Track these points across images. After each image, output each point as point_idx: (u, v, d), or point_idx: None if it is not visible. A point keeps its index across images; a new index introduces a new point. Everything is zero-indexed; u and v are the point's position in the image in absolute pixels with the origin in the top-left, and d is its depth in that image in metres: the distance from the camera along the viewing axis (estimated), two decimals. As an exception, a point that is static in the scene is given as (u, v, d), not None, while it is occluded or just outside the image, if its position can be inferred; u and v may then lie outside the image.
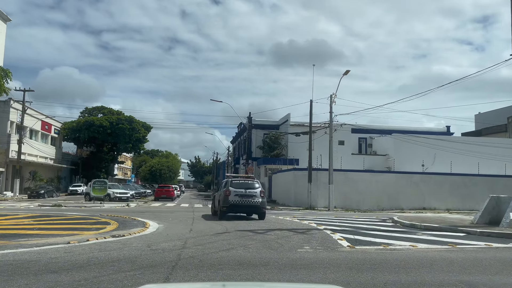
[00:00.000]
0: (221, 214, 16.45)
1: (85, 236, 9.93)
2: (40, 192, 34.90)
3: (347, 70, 25.11)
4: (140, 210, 21.37)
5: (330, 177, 26.27)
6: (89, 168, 53.63)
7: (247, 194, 16.30)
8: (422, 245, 9.78)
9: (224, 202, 16.10)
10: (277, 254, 7.99)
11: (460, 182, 29.77)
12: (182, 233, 11.25)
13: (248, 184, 16.99)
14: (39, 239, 9.18)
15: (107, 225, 12.70)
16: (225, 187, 16.75)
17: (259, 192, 16.58)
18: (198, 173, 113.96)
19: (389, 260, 7.59)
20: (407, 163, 35.48)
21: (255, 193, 16.42)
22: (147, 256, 7.48)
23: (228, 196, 16.11)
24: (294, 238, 10.50)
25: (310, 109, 29.20)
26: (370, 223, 15.80)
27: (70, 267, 6.34)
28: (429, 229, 13.48)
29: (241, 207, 16.49)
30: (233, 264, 6.94)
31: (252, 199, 16.30)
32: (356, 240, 10.33)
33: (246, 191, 16.37)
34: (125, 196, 31.50)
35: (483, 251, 9.22)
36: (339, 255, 8.13)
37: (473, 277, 6.41)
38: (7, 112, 39.24)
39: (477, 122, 51.07)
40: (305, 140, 32.86)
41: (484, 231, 12.23)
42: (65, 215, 16.79)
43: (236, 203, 16.15)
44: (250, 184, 17.07)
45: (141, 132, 53.70)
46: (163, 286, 4.42)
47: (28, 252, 7.63)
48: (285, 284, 5.31)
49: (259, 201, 16.36)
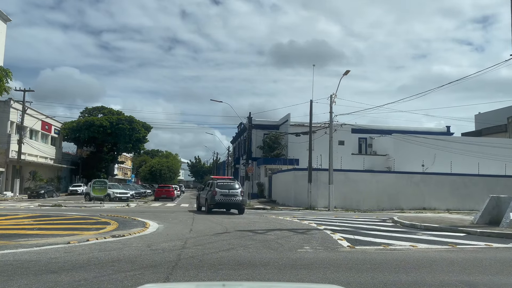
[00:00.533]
0: (208, 209, 19.87)
1: (85, 236, 9.93)
2: (40, 192, 34.90)
3: (347, 70, 25.11)
4: (140, 210, 21.37)
5: (330, 177, 26.27)
6: (89, 168, 53.64)
7: (230, 194, 19.65)
8: (422, 245, 9.78)
9: (212, 201, 19.47)
10: (277, 254, 7.99)
11: (460, 182, 29.75)
12: (182, 233, 11.25)
13: (231, 186, 20.24)
14: (39, 239, 9.18)
15: (107, 225, 12.70)
16: (212, 188, 19.87)
17: (240, 192, 20.02)
18: (198, 173, 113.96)
19: (389, 260, 7.59)
20: (407, 163, 35.47)
21: (236, 193, 19.83)
22: (147, 256, 7.48)
23: (215, 195, 19.43)
24: (294, 238, 10.50)
25: (310, 109, 29.22)
26: (370, 223, 15.80)
27: (70, 267, 6.34)
28: (429, 229, 13.48)
29: (225, 204, 19.83)
30: (233, 264, 6.93)
31: (234, 198, 19.67)
32: (356, 240, 10.33)
33: (229, 191, 19.69)
34: (125, 196, 31.50)
35: (483, 251, 9.22)
36: (339, 255, 8.13)
37: (474, 277, 6.41)
38: (7, 112, 39.24)
39: (477, 122, 51.06)
40: (305, 140, 32.86)
41: (484, 231, 12.23)
42: (65, 215, 16.79)
43: (221, 201, 19.53)
44: (232, 185, 20.36)
45: (141, 132, 53.70)
46: (163, 285, 4.43)
47: (28, 252, 7.62)
48: (285, 283, 5.30)
49: (239, 199, 19.85)
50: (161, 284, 4.95)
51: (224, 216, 17.83)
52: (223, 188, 19.73)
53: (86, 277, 5.66)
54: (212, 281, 5.73)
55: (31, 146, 41.64)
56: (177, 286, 4.10)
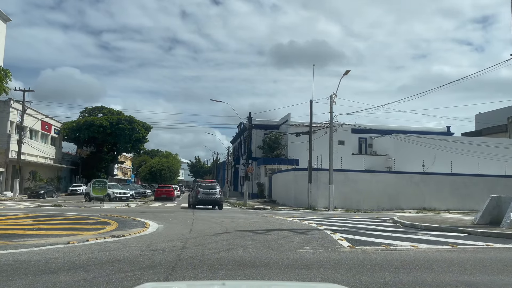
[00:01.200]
0: (193, 205, 24.56)
1: (85, 236, 9.90)
2: (40, 192, 34.89)
3: (347, 70, 25.09)
4: (140, 210, 21.34)
5: (330, 177, 26.24)
6: (89, 168, 53.61)
7: (210, 193, 24.32)
8: (423, 245, 9.75)
9: (195, 198, 24.28)
10: (277, 255, 7.96)
11: (461, 182, 29.72)
12: (182, 233, 11.22)
13: (211, 186, 24.94)
14: (39, 239, 9.15)
15: (106, 225, 12.67)
16: (196, 189, 24.90)
17: (218, 191, 24.72)
18: (198, 173, 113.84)
19: (389, 261, 7.57)
20: (407, 163, 35.45)
21: (215, 192, 24.50)
22: (146, 256, 7.45)
23: (198, 194, 24.20)
24: (294, 239, 10.47)
25: (310, 109, 29.19)
26: (370, 223, 15.77)
27: (70, 267, 6.32)
28: (429, 229, 13.45)
29: (206, 201, 24.39)
30: (233, 264, 6.91)
31: (213, 196, 24.33)
32: (357, 240, 10.30)
33: (209, 191, 24.39)
34: (125, 196, 31.47)
35: (484, 251, 9.19)
36: (340, 255, 8.10)
37: (475, 277, 6.38)
38: (7, 112, 39.21)
39: (477, 122, 51.04)
40: (305, 140, 32.83)
41: (485, 231, 12.20)
42: (64, 215, 16.76)
43: (203, 199, 24.21)
44: (212, 186, 25.11)
45: (141, 132, 53.67)
46: (163, 284, 4.40)
47: (27, 252, 7.60)
48: (285, 282, 5.29)
49: (218, 197, 24.47)
50: (161, 283, 4.93)
51: (224, 216, 17.81)
52: (204, 188, 24.45)
53: (86, 278, 5.64)
54: None
55: (31, 146, 41.62)
56: (177, 285, 4.09)
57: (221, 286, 2.37)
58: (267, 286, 3.64)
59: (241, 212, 22.22)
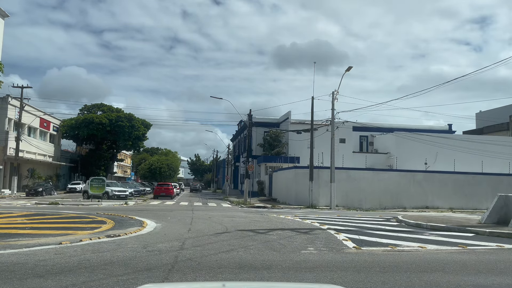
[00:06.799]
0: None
1: (79, 236, 9.51)
2: (38, 189, 34.47)
3: (350, 66, 24.64)
4: (138, 209, 20.95)
5: (332, 175, 25.83)
6: (88, 166, 53.18)
7: None
8: (431, 246, 9.36)
9: None
10: (280, 256, 7.56)
11: (464, 181, 29.31)
12: (180, 233, 10.82)
13: None
14: (30, 239, 8.76)
15: (102, 224, 12.29)
16: None
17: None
18: (198, 171, 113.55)
19: (398, 263, 7.18)
20: (409, 161, 35.05)
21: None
22: (142, 258, 7.05)
23: None
24: (297, 239, 10.07)
25: (311, 106, 28.73)
26: (374, 223, 15.37)
27: (59, 270, 5.91)
28: (436, 229, 13.06)
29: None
30: (234, 267, 6.51)
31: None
32: (362, 240, 9.90)
33: None
34: (124, 194, 31.02)
35: (496, 252, 8.80)
36: (346, 257, 7.70)
37: (490, 281, 6.03)
38: (4, 109, 38.74)
39: (478, 121, 50.68)
40: (306, 138, 32.43)
41: (494, 231, 11.80)
42: (60, 213, 16.38)
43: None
44: None
45: (140, 129, 53.22)
46: (162, 285, 4.26)
47: (16, 253, 7.20)
48: (285, 283, 5.08)
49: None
50: (160, 284, 4.80)
51: (224, 215, 17.44)
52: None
53: (74, 282, 5.23)
54: None
55: (29, 144, 41.17)
56: (178, 286, 4.06)
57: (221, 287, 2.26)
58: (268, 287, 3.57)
59: (242, 211, 21.80)
